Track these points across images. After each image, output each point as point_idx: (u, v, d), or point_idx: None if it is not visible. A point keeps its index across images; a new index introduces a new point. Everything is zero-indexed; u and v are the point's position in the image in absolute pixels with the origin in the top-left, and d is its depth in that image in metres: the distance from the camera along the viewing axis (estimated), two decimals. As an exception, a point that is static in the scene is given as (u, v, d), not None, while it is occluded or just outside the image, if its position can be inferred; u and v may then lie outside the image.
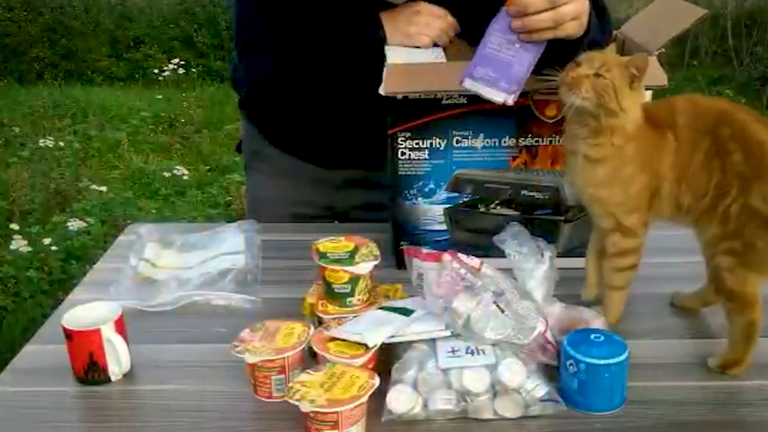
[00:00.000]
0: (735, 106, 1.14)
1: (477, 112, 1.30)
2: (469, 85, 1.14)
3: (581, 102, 1.08)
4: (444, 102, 1.30)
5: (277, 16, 1.49)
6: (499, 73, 1.13)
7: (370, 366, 1.04)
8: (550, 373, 1.07)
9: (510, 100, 1.15)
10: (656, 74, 1.27)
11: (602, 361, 1.01)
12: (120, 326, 1.13)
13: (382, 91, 1.27)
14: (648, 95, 1.29)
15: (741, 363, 1.10)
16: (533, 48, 1.12)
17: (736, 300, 1.09)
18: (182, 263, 1.45)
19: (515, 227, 1.19)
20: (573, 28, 1.12)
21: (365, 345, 1.04)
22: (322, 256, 1.19)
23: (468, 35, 1.48)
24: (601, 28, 1.23)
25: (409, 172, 1.35)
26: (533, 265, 1.13)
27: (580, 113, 1.11)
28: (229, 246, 1.49)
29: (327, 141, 1.62)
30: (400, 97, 1.29)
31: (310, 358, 1.09)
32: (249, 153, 1.75)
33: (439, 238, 1.40)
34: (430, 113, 1.30)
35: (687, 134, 1.11)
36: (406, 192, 1.37)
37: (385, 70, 1.28)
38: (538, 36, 1.11)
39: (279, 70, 1.53)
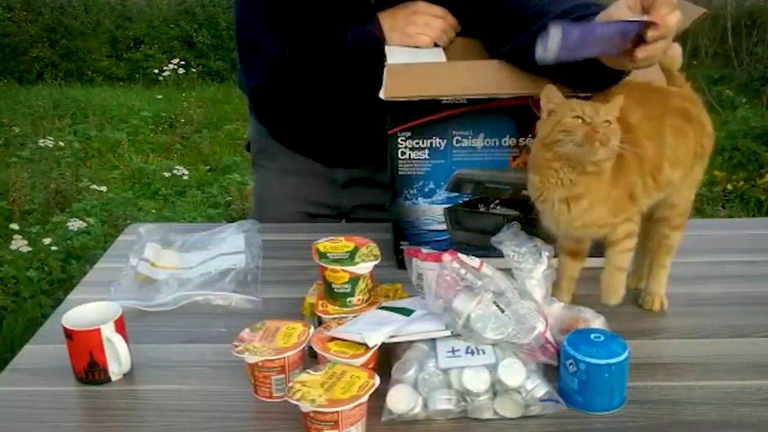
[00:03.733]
0: (647, 83, 1.22)
1: (477, 112, 1.30)
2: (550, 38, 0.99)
3: (607, 155, 1.08)
4: (444, 102, 1.30)
5: (277, 18, 1.49)
6: (579, 43, 1.01)
7: (370, 366, 1.04)
8: (550, 373, 1.07)
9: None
10: (656, 77, 1.27)
11: (602, 361, 1.01)
12: (120, 326, 1.13)
13: (382, 95, 1.27)
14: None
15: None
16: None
17: (686, 215, 1.26)
18: (182, 263, 1.45)
19: (513, 227, 1.19)
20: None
21: (365, 345, 1.04)
22: (322, 256, 1.19)
23: (468, 35, 1.49)
24: None
25: (409, 172, 1.35)
26: (532, 265, 1.13)
27: (568, 162, 1.11)
28: (229, 246, 1.49)
29: (330, 140, 1.63)
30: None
31: (310, 358, 1.09)
32: (256, 150, 1.76)
33: (439, 238, 1.40)
34: (430, 113, 1.30)
35: (649, 127, 1.15)
36: (406, 192, 1.37)
37: (385, 71, 1.28)
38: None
39: (279, 71, 1.53)
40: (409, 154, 1.34)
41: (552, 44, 0.98)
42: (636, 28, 1.04)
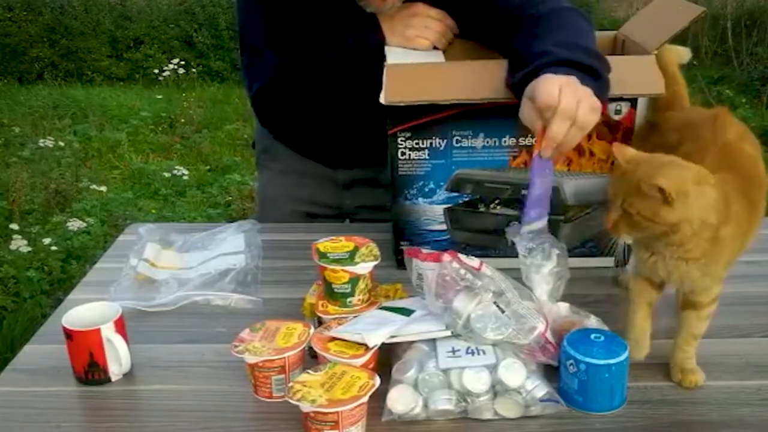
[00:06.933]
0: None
1: (477, 112, 1.30)
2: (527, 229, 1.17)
3: (630, 240, 1.05)
4: (444, 102, 1.29)
5: (276, 21, 1.49)
6: (543, 207, 1.18)
7: (371, 366, 1.04)
8: (550, 373, 1.07)
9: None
10: (653, 81, 1.27)
11: (602, 361, 1.01)
12: (120, 326, 1.13)
13: (382, 99, 1.26)
14: (647, 100, 1.30)
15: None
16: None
17: None
18: (182, 263, 1.45)
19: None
20: (594, 121, 1.12)
21: (365, 345, 1.04)
22: (322, 256, 1.19)
23: (466, 37, 1.48)
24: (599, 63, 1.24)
25: (409, 172, 1.35)
26: (540, 261, 1.13)
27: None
28: (229, 246, 1.49)
29: (333, 141, 1.63)
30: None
31: (310, 359, 1.09)
32: (260, 150, 1.77)
33: (439, 238, 1.40)
34: (430, 113, 1.30)
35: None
36: (406, 192, 1.37)
37: (384, 72, 1.28)
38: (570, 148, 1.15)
39: (281, 74, 1.53)
40: (409, 154, 1.34)
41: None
42: (540, 164, 1.14)
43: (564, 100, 1.08)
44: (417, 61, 1.36)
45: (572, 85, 1.11)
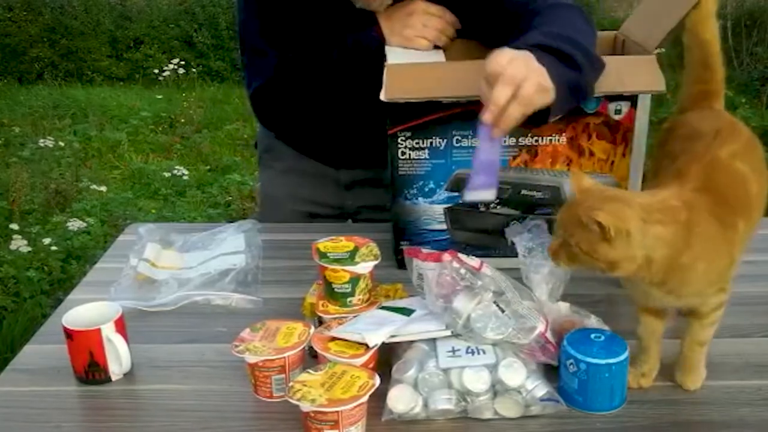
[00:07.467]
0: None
1: (477, 112, 1.30)
2: (471, 196, 1.20)
3: (569, 269, 1.04)
4: (444, 102, 1.30)
5: (274, 21, 1.49)
6: (490, 177, 1.18)
7: (371, 366, 1.04)
8: (550, 373, 1.07)
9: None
10: (653, 80, 1.27)
11: (602, 361, 1.01)
12: (120, 326, 1.13)
13: (383, 97, 1.26)
14: (647, 99, 1.29)
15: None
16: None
17: None
18: (182, 263, 1.45)
19: (533, 221, 1.18)
20: (541, 100, 1.12)
21: (365, 345, 1.04)
22: (323, 255, 1.19)
23: (468, 36, 1.48)
24: (591, 64, 1.23)
25: (409, 172, 1.35)
26: (539, 261, 1.13)
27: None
28: (229, 246, 1.49)
29: (333, 141, 1.63)
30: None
31: (310, 358, 1.09)
32: (262, 149, 1.77)
33: (439, 238, 1.40)
34: (430, 113, 1.30)
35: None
36: (406, 192, 1.37)
37: (384, 71, 1.28)
38: (514, 125, 1.13)
39: (281, 75, 1.53)
40: (409, 154, 1.34)
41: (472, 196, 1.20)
42: (485, 131, 1.14)
43: (510, 69, 1.08)
44: (417, 60, 1.36)
45: (524, 59, 1.10)
